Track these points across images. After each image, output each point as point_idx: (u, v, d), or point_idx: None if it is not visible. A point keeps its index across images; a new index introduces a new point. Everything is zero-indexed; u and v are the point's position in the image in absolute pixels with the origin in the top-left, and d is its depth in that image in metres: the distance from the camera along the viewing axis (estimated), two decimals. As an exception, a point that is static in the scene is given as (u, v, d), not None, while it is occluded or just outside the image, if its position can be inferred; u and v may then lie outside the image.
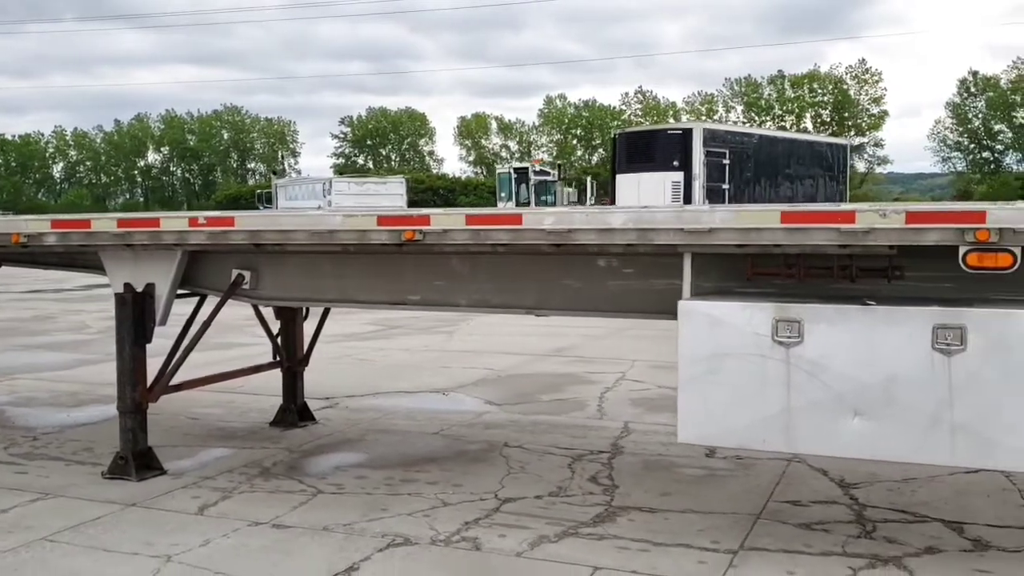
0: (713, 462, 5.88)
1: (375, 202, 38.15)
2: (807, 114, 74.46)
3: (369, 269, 5.33)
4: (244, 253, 5.50)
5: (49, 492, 5.37)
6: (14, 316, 15.54)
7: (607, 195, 34.60)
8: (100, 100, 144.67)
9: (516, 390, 8.54)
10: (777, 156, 31.06)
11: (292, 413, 7.03)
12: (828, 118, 73.49)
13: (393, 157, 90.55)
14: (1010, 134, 68.78)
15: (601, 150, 76.56)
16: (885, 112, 73.88)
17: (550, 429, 6.92)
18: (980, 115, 70.12)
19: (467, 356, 10.58)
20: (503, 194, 38.55)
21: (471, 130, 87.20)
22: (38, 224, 5.76)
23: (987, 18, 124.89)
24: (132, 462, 5.60)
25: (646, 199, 25.80)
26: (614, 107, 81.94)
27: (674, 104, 79.15)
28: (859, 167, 72.09)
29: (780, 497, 5.16)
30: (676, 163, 27.36)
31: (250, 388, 8.07)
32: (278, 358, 7.04)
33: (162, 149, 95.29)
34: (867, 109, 73.67)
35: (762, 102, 75.64)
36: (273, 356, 7.05)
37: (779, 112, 75.23)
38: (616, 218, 4.34)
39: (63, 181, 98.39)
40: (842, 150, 35.71)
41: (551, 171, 39.31)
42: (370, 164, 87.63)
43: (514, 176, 38.48)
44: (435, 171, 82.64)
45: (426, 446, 6.44)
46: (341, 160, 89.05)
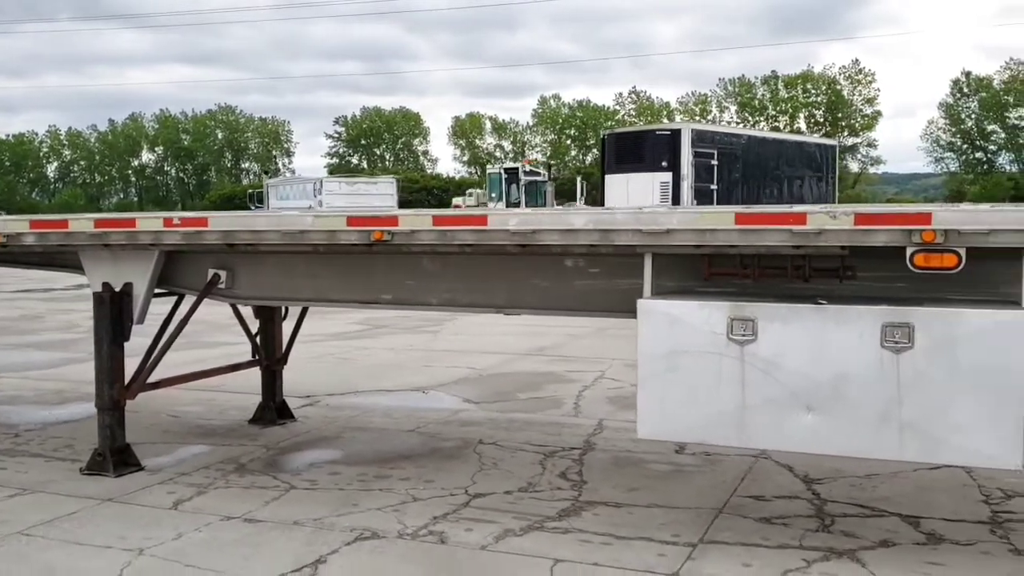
0: (681, 458, 5.98)
1: (366, 202, 38.20)
2: (800, 114, 74.58)
3: (342, 269, 5.42)
4: (219, 253, 5.60)
5: (27, 488, 5.46)
6: (3, 316, 15.60)
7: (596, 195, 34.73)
8: (94, 100, 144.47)
9: (495, 388, 8.64)
10: (766, 157, 31.19)
11: (271, 411, 7.13)
12: (822, 118, 73.64)
13: (387, 157, 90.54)
14: (1003, 134, 68.91)
15: (595, 150, 76.60)
16: (878, 112, 74.08)
17: (525, 426, 7.02)
18: (973, 115, 70.27)
19: (451, 355, 10.68)
20: (493, 194, 38.73)
21: (465, 130, 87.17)
22: (17, 224, 5.85)
23: (980, 19, 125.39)
24: (110, 458, 5.70)
25: (635, 200, 25.91)
26: (608, 107, 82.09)
27: (668, 104, 79.34)
28: (853, 167, 72.36)
29: (744, 492, 5.26)
30: (665, 164, 27.45)
31: (231, 387, 8.16)
32: (257, 357, 7.14)
33: (156, 149, 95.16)
34: (860, 109, 73.86)
35: (756, 102, 75.79)
36: (252, 355, 7.16)
37: (773, 112, 75.37)
38: (578, 219, 4.45)
39: (57, 181, 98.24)
40: (831, 150, 35.86)
41: (541, 171, 39.47)
42: (364, 164, 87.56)
43: (504, 176, 38.67)
44: (429, 171, 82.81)
45: (402, 443, 6.53)
46: (335, 160, 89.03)
